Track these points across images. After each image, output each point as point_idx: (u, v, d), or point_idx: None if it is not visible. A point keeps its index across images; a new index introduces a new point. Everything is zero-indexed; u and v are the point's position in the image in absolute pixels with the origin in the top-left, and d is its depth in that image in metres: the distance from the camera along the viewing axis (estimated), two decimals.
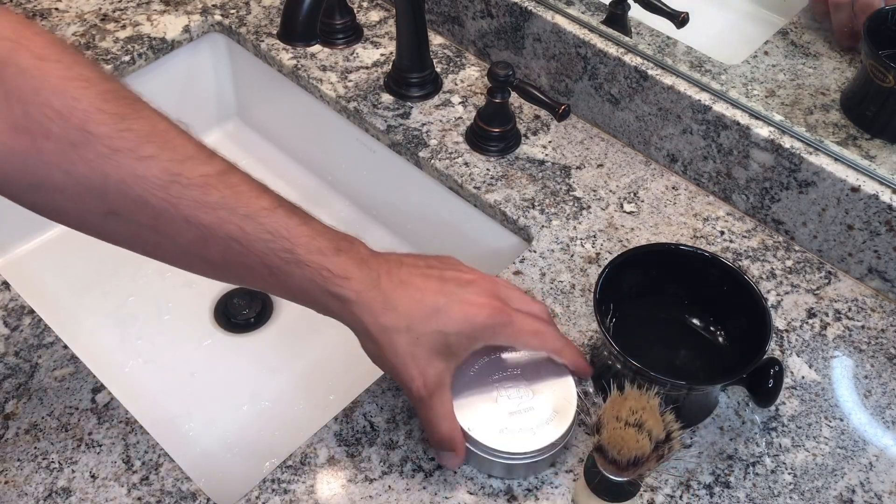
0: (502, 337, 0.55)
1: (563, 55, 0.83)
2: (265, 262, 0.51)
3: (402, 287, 0.53)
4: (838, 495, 0.59)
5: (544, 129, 0.85)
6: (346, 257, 0.52)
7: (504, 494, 0.58)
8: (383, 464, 0.60)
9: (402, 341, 0.53)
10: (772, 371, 0.57)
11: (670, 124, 0.78)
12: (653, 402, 0.50)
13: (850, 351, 0.67)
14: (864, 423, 0.63)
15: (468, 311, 0.53)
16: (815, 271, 0.73)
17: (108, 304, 0.85)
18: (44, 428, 0.61)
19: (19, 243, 0.89)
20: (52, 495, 0.58)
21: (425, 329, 0.53)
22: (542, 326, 0.57)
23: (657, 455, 0.49)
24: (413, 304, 0.53)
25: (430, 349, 0.53)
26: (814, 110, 0.75)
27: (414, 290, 0.53)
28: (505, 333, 0.55)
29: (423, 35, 0.84)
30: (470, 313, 0.53)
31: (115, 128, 0.47)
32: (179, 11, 0.95)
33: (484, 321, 0.54)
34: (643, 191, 0.79)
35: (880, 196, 0.68)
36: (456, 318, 0.53)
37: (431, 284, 0.54)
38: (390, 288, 0.53)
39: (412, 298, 0.53)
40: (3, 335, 0.67)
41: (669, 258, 0.63)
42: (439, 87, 0.88)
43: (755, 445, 0.61)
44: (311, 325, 0.85)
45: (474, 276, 0.57)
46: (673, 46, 0.81)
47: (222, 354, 0.83)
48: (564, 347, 0.58)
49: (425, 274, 0.55)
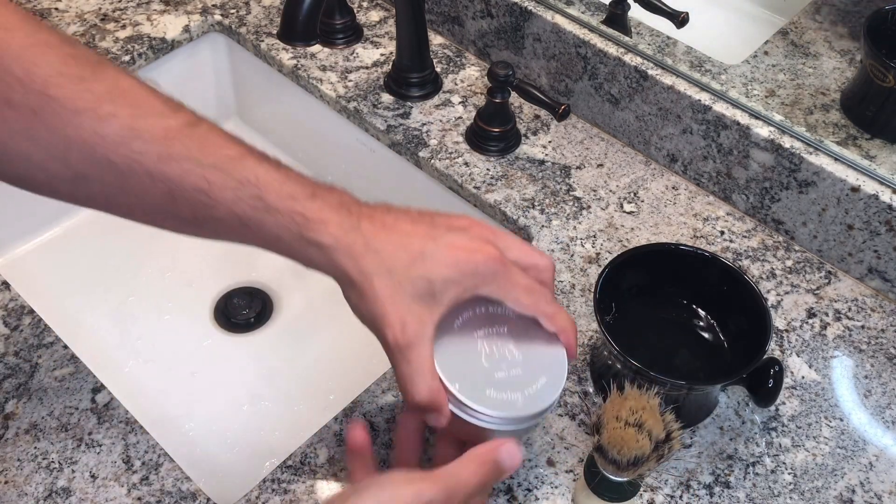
0: (493, 287, 0.50)
1: (563, 55, 0.83)
2: (235, 212, 0.48)
3: (386, 231, 0.50)
4: (838, 495, 0.59)
5: (544, 128, 0.85)
6: (322, 202, 0.49)
7: (504, 494, 0.58)
8: (383, 464, 0.60)
9: (382, 285, 0.48)
10: (772, 371, 0.57)
11: (670, 124, 0.78)
12: (653, 402, 0.50)
13: (850, 351, 0.67)
14: (864, 423, 0.63)
15: (458, 255, 0.49)
16: (815, 271, 0.73)
17: (108, 303, 0.85)
18: (44, 428, 0.61)
19: (19, 243, 0.89)
20: (52, 495, 0.58)
21: (409, 274, 0.48)
22: (537, 285, 0.52)
23: (657, 455, 0.49)
24: (397, 247, 0.49)
25: (412, 295, 0.49)
26: (814, 110, 0.75)
27: (399, 234, 0.50)
28: (496, 284, 0.50)
29: (423, 35, 0.84)
30: (460, 258, 0.49)
31: (74, 89, 0.46)
32: (179, 11, 0.95)
33: (474, 267, 0.49)
34: (643, 191, 0.79)
35: (880, 196, 0.68)
36: (443, 263, 0.49)
37: (420, 229, 0.50)
38: (372, 231, 0.49)
39: (396, 242, 0.49)
40: (3, 335, 0.67)
41: (669, 258, 0.63)
42: (439, 86, 0.88)
43: (755, 445, 0.61)
44: (311, 325, 0.85)
45: (469, 222, 0.52)
46: (673, 46, 0.81)
47: (222, 354, 0.83)
48: (557, 314, 0.53)
49: (414, 219, 0.51)
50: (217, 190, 0.48)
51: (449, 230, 0.51)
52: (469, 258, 0.49)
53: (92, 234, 0.90)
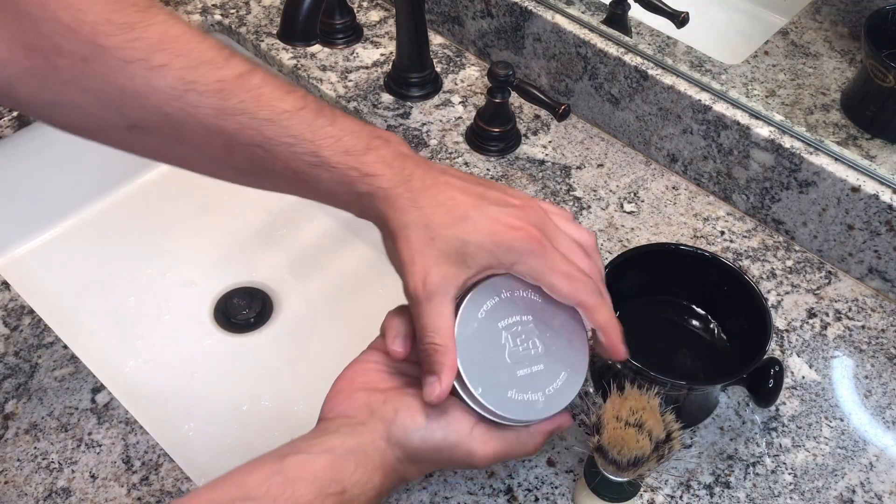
0: (528, 267, 0.49)
1: (564, 55, 0.83)
2: (291, 167, 0.49)
3: (434, 190, 0.49)
4: (838, 495, 0.59)
5: (544, 128, 0.85)
6: (376, 156, 0.49)
7: (504, 494, 0.58)
8: None
9: (416, 237, 0.48)
10: (772, 371, 0.57)
11: (670, 124, 0.78)
12: (653, 402, 0.50)
13: (850, 351, 0.67)
14: (864, 423, 0.63)
15: (497, 227, 0.48)
16: (815, 271, 0.73)
17: (108, 304, 0.85)
18: (44, 428, 0.61)
19: (19, 243, 0.89)
20: (51, 495, 0.58)
21: (444, 231, 0.48)
22: (580, 273, 0.50)
23: (657, 455, 0.49)
24: (440, 207, 0.49)
25: (442, 251, 0.48)
26: (814, 110, 0.75)
27: (446, 196, 0.49)
28: (531, 264, 0.49)
29: (423, 35, 0.84)
30: (498, 230, 0.48)
31: (124, 38, 0.45)
32: (179, 11, 0.95)
33: (510, 243, 0.48)
34: (643, 191, 0.79)
35: (880, 196, 0.67)
36: (481, 230, 0.48)
37: (468, 198, 0.50)
38: (420, 189, 0.49)
39: (441, 203, 0.49)
40: (3, 335, 0.67)
41: (669, 258, 0.63)
42: (439, 86, 0.88)
43: (755, 445, 0.61)
44: (311, 325, 0.85)
45: (523, 201, 0.51)
46: (673, 46, 0.81)
47: (222, 354, 0.83)
48: (598, 308, 0.50)
49: (465, 189, 0.50)
50: (273, 145, 0.48)
51: (498, 204, 0.50)
52: (507, 233, 0.48)
53: (92, 234, 0.90)
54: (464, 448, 0.50)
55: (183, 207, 0.92)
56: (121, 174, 0.93)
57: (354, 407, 0.51)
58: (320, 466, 0.47)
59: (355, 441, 0.49)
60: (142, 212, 0.92)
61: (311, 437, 0.50)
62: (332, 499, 0.47)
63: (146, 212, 0.92)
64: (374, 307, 0.65)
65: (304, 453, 0.48)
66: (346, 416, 0.51)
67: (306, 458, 0.48)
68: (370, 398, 0.51)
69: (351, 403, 0.51)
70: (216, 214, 0.92)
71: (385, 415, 0.50)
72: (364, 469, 0.48)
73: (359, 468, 0.48)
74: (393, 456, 0.49)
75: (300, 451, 0.48)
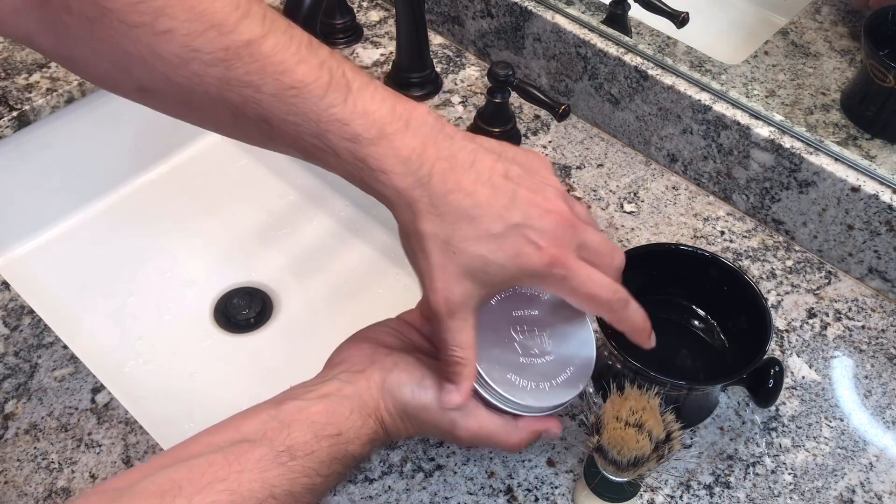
0: (552, 288, 0.49)
1: (563, 55, 0.83)
2: (298, 145, 0.46)
3: (457, 195, 0.45)
4: (838, 495, 0.59)
5: (544, 128, 0.85)
6: (388, 147, 0.45)
7: (504, 494, 0.58)
8: (383, 464, 0.60)
9: (436, 251, 0.46)
10: (772, 371, 0.57)
11: (670, 124, 0.78)
12: (653, 402, 0.50)
13: (850, 351, 0.67)
14: (864, 423, 0.63)
15: (522, 249, 0.46)
16: (815, 271, 0.73)
17: (108, 303, 0.85)
18: (44, 428, 0.61)
19: (19, 243, 0.89)
20: (51, 495, 0.58)
21: (467, 247, 0.46)
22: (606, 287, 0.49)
23: (657, 455, 0.49)
24: (462, 219, 0.45)
25: (464, 267, 0.46)
26: (814, 110, 0.75)
27: (472, 203, 0.45)
28: (556, 287, 0.48)
29: (423, 35, 0.84)
30: (523, 252, 0.46)
31: (130, 1, 0.42)
32: None
33: (534, 268, 0.47)
34: (643, 191, 0.79)
35: (880, 196, 0.67)
36: (506, 251, 0.46)
37: (495, 206, 0.46)
38: (442, 191, 0.45)
39: (465, 212, 0.45)
40: (3, 335, 0.67)
41: (669, 258, 0.63)
42: (439, 86, 0.88)
43: (755, 446, 0.61)
44: (311, 325, 0.85)
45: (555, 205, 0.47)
46: (673, 46, 0.81)
47: (222, 354, 0.83)
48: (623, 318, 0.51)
49: (494, 184, 0.46)
50: (278, 123, 0.45)
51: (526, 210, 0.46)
52: (532, 257, 0.46)
53: (92, 234, 0.90)
54: (449, 416, 0.51)
55: (183, 207, 0.92)
56: (121, 174, 0.93)
57: (358, 355, 0.53)
58: (316, 411, 0.48)
59: (352, 388, 0.50)
60: (142, 212, 0.92)
61: (309, 385, 0.51)
62: (328, 440, 0.48)
63: (146, 212, 0.92)
64: (375, 307, 0.65)
65: (300, 399, 0.49)
66: (348, 363, 0.52)
67: (302, 404, 0.49)
68: (375, 350, 0.53)
69: (356, 351, 0.53)
70: (216, 214, 0.92)
71: (384, 365, 0.51)
72: (359, 414, 0.49)
73: (354, 413, 0.49)
74: (384, 406, 0.51)
75: (297, 397, 0.50)
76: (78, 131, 0.87)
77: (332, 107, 0.44)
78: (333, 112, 0.44)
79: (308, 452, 0.47)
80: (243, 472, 0.45)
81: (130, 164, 0.93)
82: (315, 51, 0.45)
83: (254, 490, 0.44)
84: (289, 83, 0.44)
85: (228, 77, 0.44)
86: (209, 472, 0.44)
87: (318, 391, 0.50)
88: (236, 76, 0.44)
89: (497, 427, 0.52)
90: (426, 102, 0.87)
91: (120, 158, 0.92)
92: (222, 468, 0.44)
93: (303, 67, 0.44)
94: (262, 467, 0.45)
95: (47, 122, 0.84)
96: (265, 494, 0.45)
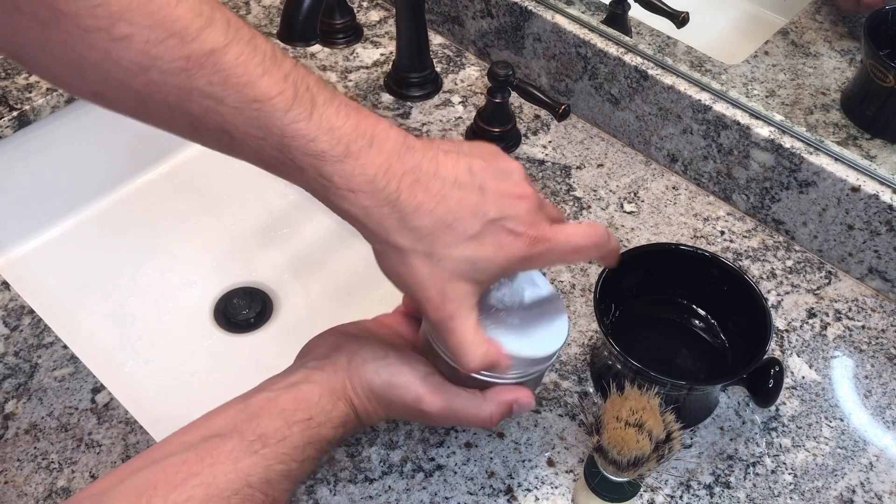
0: (538, 265, 0.49)
1: (563, 55, 0.83)
2: (260, 158, 0.45)
3: (428, 206, 0.45)
4: (838, 495, 0.59)
5: (544, 128, 0.85)
6: (354, 165, 0.44)
7: (504, 494, 0.58)
8: (383, 464, 0.60)
9: (419, 263, 0.46)
10: (772, 371, 0.57)
11: (670, 124, 0.78)
12: (653, 402, 0.50)
13: (850, 351, 0.67)
14: (864, 423, 0.63)
15: (503, 240, 0.47)
16: (815, 271, 0.73)
17: (108, 303, 0.85)
18: (44, 428, 0.61)
19: (19, 243, 0.89)
20: (51, 495, 0.58)
21: (451, 253, 0.46)
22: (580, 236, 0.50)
23: (657, 455, 0.49)
24: (440, 228, 0.46)
25: (453, 270, 0.46)
26: (814, 110, 0.75)
27: (444, 209, 0.46)
28: (541, 263, 0.49)
29: (423, 35, 0.84)
30: (504, 243, 0.47)
31: (85, 4, 0.40)
32: None
33: (518, 253, 0.47)
34: (643, 191, 0.79)
35: (881, 196, 0.67)
36: (489, 246, 0.47)
37: (469, 202, 0.46)
38: (412, 206, 0.45)
39: (439, 219, 0.46)
40: (3, 335, 0.67)
41: (669, 258, 0.63)
42: (439, 86, 0.88)
43: (755, 445, 0.61)
44: (311, 325, 0.85)
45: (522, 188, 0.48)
46: (673, 46, 0.81)
47: (222, 354, 0.83)
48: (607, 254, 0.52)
49: (461, 184, 0.47)
50: (240, 135, 0.44)
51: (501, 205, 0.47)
52: (513, 245, 0.47)
53: (92, 234, 0.90)
54: (413, 392, 0.51)
55: (183, 207, 0.92)
56: (121, 174, 0.93)
57: (324, 344, 0.54)
58: (285, 399, 0.49)
59: (319, 374, 0.51)
60: (142, 212, 0.92)
61: (278, 377, 0.52)
62: (299, 425, 0.48)
63: (146, 212, 0.92)
64: (374, 307, 0.65)
65: (269, 391, 0.50)
66: (315, 352, 0.53)
67: (271, 395, 0.49)
68: (340, 338, 0.54)
69: (321, 341, 0.55)
70: (216, 214, 0.92)
71: (350, 348, 0.52)
72: (329, 398, 0.50)
73: (323, 397, 0.50)
74: (351, 386, 0.51)
75: (265, 389, 0.50)
76: (78, 131, 0.87)
77: (296, 122, 0.44)
78: (298, 127, 0.44)
79: (280, 439, 0.47)
80: (216, 464, 0.45)
81: (130, 164, 0.93)
82: (279, 62, 0.44)
83: (229, 481, 0.45)
84: (252, 96, 0.43)
85: (189, 87, 0.42)
86: (183, 469, 0.45)
87: (286, 381, 0.51)
88: (197, 87, 0.42)
89: (465, 401, 0.51)
90: (426, 102, 0.87)
91: (120, 158, 0.92)
92: (195, 464, 0.45)
93: (267, 80, 0.43)
94: (235, 458, 0.46)
95: (47, 122, 0.84)
96: (241, 484, 0.45)
